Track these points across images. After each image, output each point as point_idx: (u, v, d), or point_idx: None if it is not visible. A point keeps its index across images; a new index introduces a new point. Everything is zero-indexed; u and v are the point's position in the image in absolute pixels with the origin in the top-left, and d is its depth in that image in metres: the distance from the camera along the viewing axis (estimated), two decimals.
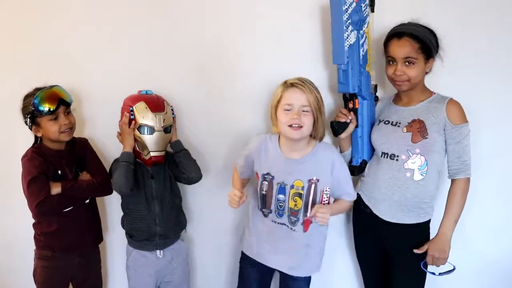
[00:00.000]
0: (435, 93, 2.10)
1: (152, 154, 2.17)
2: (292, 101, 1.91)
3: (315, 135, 2.00)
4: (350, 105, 2.14)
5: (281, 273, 2.16)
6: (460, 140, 1.99)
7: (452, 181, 2.05)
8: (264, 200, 2.06)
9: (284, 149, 2.02)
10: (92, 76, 2.41)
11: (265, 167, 2.04)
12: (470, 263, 2.41)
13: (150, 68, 2.40)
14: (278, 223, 2.05)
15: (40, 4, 2.39)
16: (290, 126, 1.91)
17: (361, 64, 2.09)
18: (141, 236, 2.23)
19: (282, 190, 2.01)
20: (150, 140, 2.15)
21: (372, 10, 2.15)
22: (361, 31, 2.06)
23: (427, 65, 2.04)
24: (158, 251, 2.25)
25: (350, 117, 2.13)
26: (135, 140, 2.17)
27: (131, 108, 2.14)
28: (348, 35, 1.99)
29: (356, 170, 2.22)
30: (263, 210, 2.08)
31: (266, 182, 2.04)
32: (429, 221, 2.12)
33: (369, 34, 2.14)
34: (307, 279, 2.17)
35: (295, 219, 2.03)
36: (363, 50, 2.09)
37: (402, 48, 2.00)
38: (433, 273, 2.09)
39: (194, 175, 2.22)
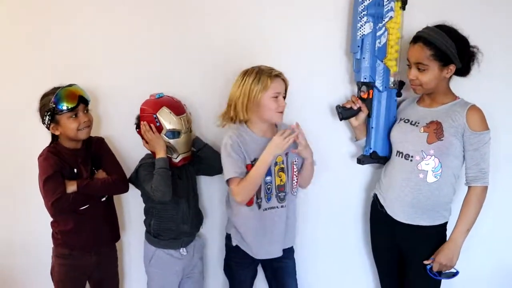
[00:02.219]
0: (459, 98, 2.07)
1: (181, 156, 2.20)
2: (279, 89, 2.09)
3: None
4: (362, 94, 2.19)
5: (270, 262, 2.24)
6: (478, 148, 1.97)
7: (469, 188, 2.04)
8: (259, 188, 2.13)
9: (258, 133, 2.15)
10: (107, 76, 2.40)
11: (251, 154, 2.12)
12: (486, 268, 2.45)
13: (164, 68, 2.39)
14: (268, 208, 2.15)
15: (54, 6, 2.36)
16: (280, 112, 2.10)
17: (376, 55, 2.13)
18: (169, 235, 2.25)
19: (268, 171, 2.10)
20: (178, 143, 2.17)
21: (403, 8, 2.15)
22: (379, 24, 2.10)
23: (445, 71, 1.99)
24: (182, 249, 2.27)
25: (357, 105, 2.17)
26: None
27: (154, 116, 2.13)
28: (362, 25, 2.10)
29: (363, 160, 2.26)
30: (257, 200, 2.14)
31: None
32: (445, 224, 2.11)
33: (397, 31, 2.15)
34: (293, 261, 2.29)
35: (283, 193, 2.17)
36: (379, 43, 2.13)
37: (414, 54, 2.00)
38: (436, 275, 2.06)
39: None
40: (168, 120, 2.13)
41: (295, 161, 2.18)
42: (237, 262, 2.26)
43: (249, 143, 2.12)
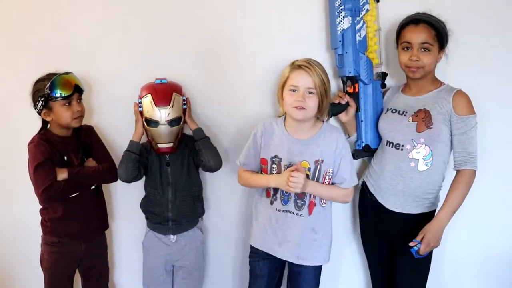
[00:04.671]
0: (444, 84, 2.10)
1: (159, 145, 2.20)
2: (298, 83, 1.94)
3: (320, 116, 2.04)
4: (348, 89, 2.21)
5: (290, 264, 2.16)
6: (465, 131, 1.99)
7: (457, 171, 2.04)
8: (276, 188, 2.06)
9: (290, 130, 2.05)
10: (99, 64, 2.40)
11: (273, 150, 2.05)
12: (473, 254, 2.45)
13: (157, 57, 2.38)
14: (282, 211, 2.06)
15: None
16: (295, 107, 1.94)
17: (358, 48, 2.16)
18: (155, 219, 2.27)
19: None
20: (155, 132, 2.18)
21: (377, 0, 2.20)
22: (357, 18, 2.13)
23: (439, 55, 2.05)
24: (171, 236, 2.28)
25: (345, 100, 2.18)
26: (146, 131, 2.21)
27: (139, 101, 2.17)
28: (341, 21, 2.13)
29: (357, 154, 2.25)
30: (274, 196, 2.08)
31: (275, 165, 2.05)
32: (434, 211, 2.12)
33: (374, 23, 2.19)
34: (317, 271, 2.15)
35: (302, 202, 2.04)
36: (359, 36, 2.16)
37: (420, 34, 2.01)
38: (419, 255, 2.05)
39: (212, 163, 2.21)
40: (147, 109, 2.15)
41: (329, 172, 2.03)
42: (254, 253, 2.20)
43: (276, 138, 2.06)
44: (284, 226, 2.07)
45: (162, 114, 2.14)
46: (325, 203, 2.08)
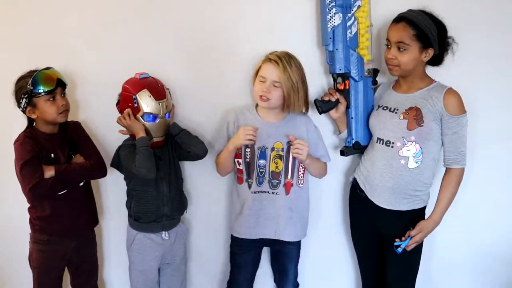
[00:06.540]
0: (435, 82, 2.09)
1: (154, 139, 2.20)
2: (266, 74, 2.08)
3: (289, 110, 2.13)
4: (338, 86, 2.21)
5: (272, 245, 2.29)
6: (457, 131, 2.00)
7: (447, 169, 2.07)
8: (248, 169, 2.19)
9: (262, 114, 2.20)
10: (85, 59, 2.37)
11: None
12: (463, 251, 2.47)
13: (143, 51, 2.36)
14: (258, 192, 2.18)
15: None
16: (260, 96, 2.09)
17: (349, 45, 2.14)
18: (149, 217, 2.24)
19: (262, 154, 2.16)
20: (153, 127, 2.17)
21: None
22: (348, 14, 2.12)
23: (424, 54, 2.02)
24: (164, 233, 2.27)
25: (335, 97, 2.18)
26: None
27: (134, 96, 2.12)
28: (332, 17, 2.12)
29: (347, 151, 2.26)
30: (249, 180, 2.19)
31: (249, 149, 2.17)
32: (424, 207, 2.14)
33: (366, 19, 2.18)
34: (298, 248, 2.30)
35: (277, 181, 2.18)
36: (350, 33, 2.14)
37: (396, 32, 2.01)
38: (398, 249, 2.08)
39: (200, 150, 2.24)
40: (146, 103, 2.13)
41: None
42: (238, 245, 2.29)
43: (250, 122, 2.18)
44: (261, 205, 2.19)
45: (162, 107, 2.15)
46: (302, 184, 2.23)
